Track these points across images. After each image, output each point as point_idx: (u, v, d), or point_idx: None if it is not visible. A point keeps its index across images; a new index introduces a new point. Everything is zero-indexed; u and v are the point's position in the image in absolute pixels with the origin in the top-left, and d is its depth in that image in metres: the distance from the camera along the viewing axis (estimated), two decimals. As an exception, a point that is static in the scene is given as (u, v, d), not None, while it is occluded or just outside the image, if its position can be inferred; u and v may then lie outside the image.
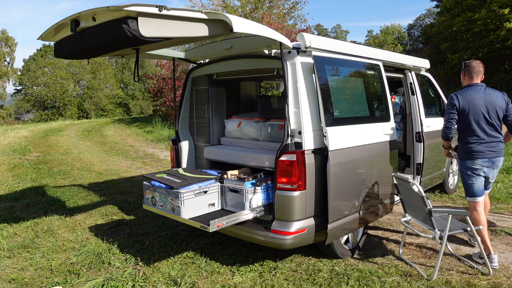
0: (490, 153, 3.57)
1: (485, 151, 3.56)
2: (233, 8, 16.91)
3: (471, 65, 3.66)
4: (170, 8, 2.46)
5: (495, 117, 3.56)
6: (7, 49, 41.63)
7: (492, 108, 3.55)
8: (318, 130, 3.38)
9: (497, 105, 3.56)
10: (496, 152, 3.59)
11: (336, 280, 3.36)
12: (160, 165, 9.30)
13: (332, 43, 3.71)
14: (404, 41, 44.44)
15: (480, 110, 3.52)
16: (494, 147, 3.58)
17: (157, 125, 17.64)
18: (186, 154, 4.61)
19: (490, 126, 3.56)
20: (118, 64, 49.10)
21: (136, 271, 3.62)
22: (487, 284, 3.28)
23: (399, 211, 5.16)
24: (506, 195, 5.93)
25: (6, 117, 40.70)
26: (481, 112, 3.52)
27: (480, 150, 3.56)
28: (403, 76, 5.20)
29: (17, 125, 27.28)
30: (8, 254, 4.09)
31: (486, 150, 3.56)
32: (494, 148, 3.58)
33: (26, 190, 6.83)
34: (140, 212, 5.42)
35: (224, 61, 4.08)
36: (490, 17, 20.76)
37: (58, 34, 3.09)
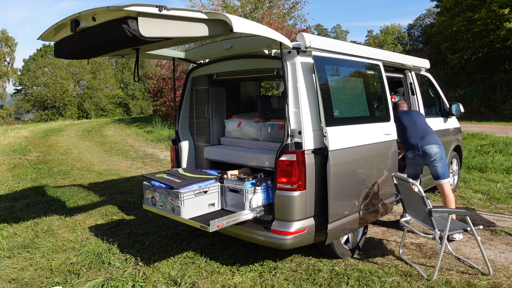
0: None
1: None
2: (233, 8, 16.91)
3: None
4: (170, 8, 2.46)
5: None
6: (7, 49, 41.64)
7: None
8: (318, 130, 3.38)
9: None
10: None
11: (336, 280, 3.36)
12: (160, 165, 9.30)
13: (332, 43, 3.71)
14: (404, 41, 44.45)
15: None
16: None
17: (157, 125, 17.64)
18: (186, 154, 4.61)
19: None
20: (118, 64, 49.10)
21: (136, 271, 3.62)
22: (487, 284, 3.28)
23: (399, 211, 5.16)
24: (506, 195, 5.94)
25: (6, 117, 40.71)
26: None
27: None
28: (403, 76, 5.20)
29: (17, 125, 27.29)
30: (8, 254, 4.09)
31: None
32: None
33: (26, 190, 6.83)
34: (140, 212, 5.42)
35: (224, 61, 4.08)
36: (490, 17, 20.77)
37: (58, 34, 3.09)
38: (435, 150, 4.24)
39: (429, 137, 4.31)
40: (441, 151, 4.28)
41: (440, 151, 4.27)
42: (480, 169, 7.76)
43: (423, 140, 4.30)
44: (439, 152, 4.26)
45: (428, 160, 4.29)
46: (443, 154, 4.29)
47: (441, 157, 4.26)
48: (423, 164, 4.41)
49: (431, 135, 4.35)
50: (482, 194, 6.09)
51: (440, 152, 4.27)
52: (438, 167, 4.26)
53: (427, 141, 4.29)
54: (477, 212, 5.23)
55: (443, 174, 4.28)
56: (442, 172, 4.28)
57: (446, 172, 4.31)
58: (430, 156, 4.25)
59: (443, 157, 4.29)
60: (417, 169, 4.51)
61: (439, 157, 4.27)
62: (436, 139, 4.35)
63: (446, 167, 4.31)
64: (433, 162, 4.26)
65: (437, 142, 4.31)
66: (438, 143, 4.32)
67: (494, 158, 8.39)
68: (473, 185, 6.65)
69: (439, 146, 4.30)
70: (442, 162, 4.27)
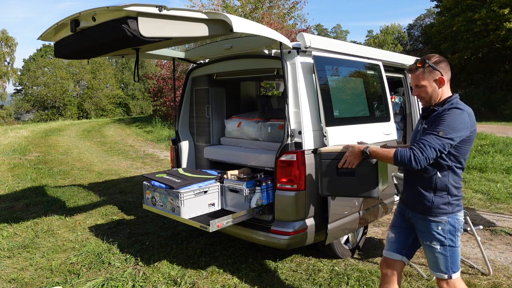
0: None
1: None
2: (233, 8, 16.90)
3: (446, 61, 2.33)
4: (170, 8, 2.46)
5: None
6: (7, 49, 41.64)
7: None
8: (318, 130, 3.38)
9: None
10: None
11: (336, 280, 3.36)
12: (160, 165, 9.30)
13: (332, 43, 3.71)
14: (404, 41, 44.45)
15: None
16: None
17: (157, 125, 17.63)
18: (186, 154, 4.61)
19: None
20: (118, 64, 49.10)
21: (136, 271, 3.62)
22: (487, 284, 3.28)
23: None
24: (506, 195, 5.94)
25: (6, 117, 40.70)
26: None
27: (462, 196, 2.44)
28: (403, 76, 5.20)
29: (17, 125, 27.26)
30: (8, 254, 4.09)
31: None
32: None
33: (26, 190, 6.83)
34: (140, 212, 5.42)
35: (224, 61, 4.08)
36: (490, 17, 20.78)
37: (58, 34, 3.09)
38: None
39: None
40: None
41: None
42: (480, 169, 7.76)
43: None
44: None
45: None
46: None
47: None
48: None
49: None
50: (482, 194, 6.09)
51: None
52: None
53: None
54: (477, 212, 5.23)
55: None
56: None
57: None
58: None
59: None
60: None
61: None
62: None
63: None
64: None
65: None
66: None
67: (494, 158, 8.39)
68: (473, 185, 6.65)
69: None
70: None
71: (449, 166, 2.17)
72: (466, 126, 2.10)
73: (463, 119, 2.09)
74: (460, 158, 2.17)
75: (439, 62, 2.22)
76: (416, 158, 2.07)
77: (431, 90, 2.24)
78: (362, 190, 2.42)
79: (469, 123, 2.11)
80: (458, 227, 2.21)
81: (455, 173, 2.19)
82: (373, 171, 2.36)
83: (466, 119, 2.10)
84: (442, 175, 2.18)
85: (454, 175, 2.19)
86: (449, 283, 2.22)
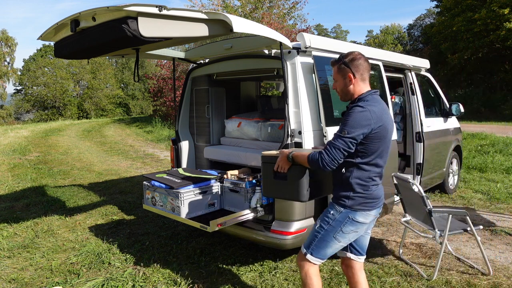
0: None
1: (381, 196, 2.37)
2: (233, 8, 16.90)
3: (362, 59, 2.29)
4: (170, 8, 2.46)
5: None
6: (7, 49, 41.65)
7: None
8: (318, 130, 3.38)
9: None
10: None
11: (336, 280, 3.36)
12: (160, 165, 9.29)
13: (332, 43, 3.71)
14: (404, 41, 44.45)
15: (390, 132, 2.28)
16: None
17: (157, 125, 17.63)
18: (186, 154, 4.61)
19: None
20: (118, 64, 49.10)
21: (136, 271, 3.62)
22: (487, 284, 3.28)
23: (399, 211, 5.16)
24: (506, 195, 5.93)
25: (6, 117, 40.70)
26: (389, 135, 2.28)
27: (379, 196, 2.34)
28: (403, 76, 5.20)
29: (17, 125, 27.27)
30: (8, 254, 4.09)
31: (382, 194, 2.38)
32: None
33: (26, 190, 6.82)
34: (140, 212, 5.42)
35: (224, 61, 4.08)
36: (490, 17, 20.78)
37: (58, 34, 3.09)
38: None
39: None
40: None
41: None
42: (480, 169, 7.76)
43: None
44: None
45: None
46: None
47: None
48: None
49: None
50: (482, 194, 6.09)
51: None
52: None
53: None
54: (477, 212, 5.23)
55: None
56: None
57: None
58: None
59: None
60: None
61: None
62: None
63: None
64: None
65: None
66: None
67: (494, 158, 8.39)
68: (473, 185, 6.65)
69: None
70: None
71: (354, 163, 2.21)
72: (368, 124, 2.11)
73: (363, 117, 2.11)
74: (368, 156, 2.19)
75: (353, 60, 2.25)
76: (323, 161, 2.12)
77: (342, 86, 2.30)
78: (292, 194, 2.49)
79: (371, 120, 2.12)
80: (348, 224, 2.25)
81: (360, 170, 2.21)
82: (300, 176, 2.40)
83: (367, 117, 2.11)
84: (346, 171, 2.24)
85: (359, 172, 2.21)
86: (303, 259, 2.33)
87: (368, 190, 2.24)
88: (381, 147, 2.20)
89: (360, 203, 2.23)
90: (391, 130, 2.26)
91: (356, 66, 2.24)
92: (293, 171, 2.41)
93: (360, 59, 2.25)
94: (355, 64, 2.24)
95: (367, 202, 2.24)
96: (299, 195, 2.45)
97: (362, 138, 2.12)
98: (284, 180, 2.48)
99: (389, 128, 2.23)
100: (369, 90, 2.28)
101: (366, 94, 2.25)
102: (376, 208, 2.30)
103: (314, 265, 2.33)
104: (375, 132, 2.14)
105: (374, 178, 2.25)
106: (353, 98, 2.28)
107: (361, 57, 2.26)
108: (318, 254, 2.31)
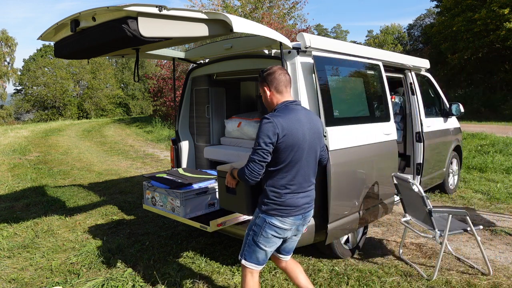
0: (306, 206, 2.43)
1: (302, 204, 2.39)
2: (233, 8, 16.91)
3: (277, 73, 2.37)
4: (170, 8, 2.46)
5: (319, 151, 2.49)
6: (7, 49, 41.67)
7: (318, 138, 2.44)
8: (318, 130, 3.37)
9: (320, 133, 2.49)
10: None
11: (336, 280, 3.36)
12: (160, 165, 9.30)
13: (332, 43, 3.71)
14: (404, 41, 44.46)
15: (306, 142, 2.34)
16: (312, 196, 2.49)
17: (157, 125, 17.64)
18: (186, 154, 4.61)
19: (314, 166, 2.45)
20: (118, 64, 49.10)
21: (136, 271, 3.62)
22: (487, 284, 3.28)
23: (399, 211, 5.16)
24: (506, 195, 5.94)
25: (6, 117, 40.71)
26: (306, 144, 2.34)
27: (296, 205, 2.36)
28: (403, 76, 5.20)
29: (17, 125, 27.28)
30: (8, 254, 4.09)
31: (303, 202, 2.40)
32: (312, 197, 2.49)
33: (26, 190, 6.83)
34: (140, 212, 5.42)
35: (224, 61, 4.08)
36: (490, 17, 20.79)
37: (58, 34, 3.09)
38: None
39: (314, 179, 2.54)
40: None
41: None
42: (480, 169, 7.76)
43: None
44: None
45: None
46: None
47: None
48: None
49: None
50: (482, 194, 6.09)
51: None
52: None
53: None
54: (477, 212, 5.23)
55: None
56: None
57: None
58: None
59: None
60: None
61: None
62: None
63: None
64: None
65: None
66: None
67: (494, 158, 8.39)
68: (473, 185, 6.65)
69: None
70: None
71: (268, 171, 2.31)
72: (274, 133, 2.20)
73: (267, 128, 2.21)
74: (279, 164, 2.28)
75: (269, 74, 2.39)
76: (245, 175, 2.27)
77: (264, 99, 2.45)
78: (239, 207, 2.70)
79: (276, 129, 2.20)
80: (266, 228, 2.33)
81: (273, 178, 2.31)
82: (245, 191, 2.56)
83: (269, 128, 2.21)
84: (263, 178, 2.35)
85: (272, 179, 2.32)
86: (242, 266, 2.43)
87: (281, 197, 2.30)
88: (291, 155, 2.27)
89: (274, 209, 2.31)
90: (303, 139, 2.30)
91: (271, 80, 2.35)
92: (240, 187, 2.57)
93: (275, 73, 2.37)
94: (270, 78, 2.36)
95: (281, 209, 2.31)
96: (244, 209, 2.66)
97: (272, 147, 2.22)
98: (234, 194, 2.67)
99: (299, 137, 2.27)
100: (284, 101, 2.37)
101: (279, 106, 2.36)
102: (293, 216, 2.34)
103: (251, 271, 2.41)
104: (281, 141, 2.22)
105: (287, 187, 2.31)
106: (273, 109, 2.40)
107: (277, 71, 2.37)
108: (250, 259, 2.40)
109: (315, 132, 2.40)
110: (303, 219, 2.42)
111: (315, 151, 2.42)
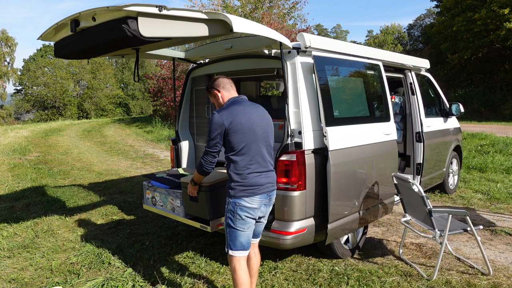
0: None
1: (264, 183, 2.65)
2: (233, 8, 16.91)
3: (221, 78, 2.81)
4: (170, 8, 2.46)
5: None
6: (7, 49, 41.68)
7: (269, 124, 2.78)
8: (318, 130, 3.38)
9: (270, 120, 2.84)
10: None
11: (336, 280, 3.36)
12: (160, 165, 9.30)
13: (332, 43, 3.71)
14: (404, 41, 44.47)
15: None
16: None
17: (157, 125, 17.64)
18: (186, 154, 4.61)
19: (270, 149, 2.73)
20: (118, 64, 49.11)
21: (136, 271, 3.62)
22: (487, 284, 3.28)
23: (399, 211, 5.16)
24: (506, 195, 5.94)
25: (6, 117, 40.72)
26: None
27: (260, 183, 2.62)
28: (403, 76, 5.20)
29: (17, 125, 27.28)
30: (8, 254, 4.09)
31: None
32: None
33: (26, 190, 6.83)
34: (140, 212, 5.42)
35: (224, 61, 4.08)
36: (490, 17, 20.79)
37: (58, 34, 3.09)
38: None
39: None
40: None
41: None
42: (480, 169, 7.76)
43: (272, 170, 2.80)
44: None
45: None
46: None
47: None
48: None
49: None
50: (482, 194, 6.09)
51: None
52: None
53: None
54: (477, 212, 5.23)
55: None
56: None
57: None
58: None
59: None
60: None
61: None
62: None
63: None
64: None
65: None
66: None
67: (494, 158, 8.39)
68: (473, 185, 6.65)
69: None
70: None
71: (228, 158, 2.62)
72: (220, 124, 2.54)
73: (214, 120, 2.57)
74: (235, 149, 2.57)
75: (215, 80, 2.81)
76: (201, 166, 2.66)
77: (216, 102, 2.81)
78: (202, 213, 3.14)
79: (221, 120, 2.54)
80: (238, 211, 2.57)
81: (233, 162, 2.59)
82: (205, 199, 3.02)
83: (217, 119, 2.55)
84: (227, 166, 2.65)
85: (232, 164, 2.59)
86: (229, 258, 2.65)
87: (245, 178, 2.57)
88: (244, 138, 2.57)
89: (241, 191, 2.57)
90: (252, 122, 2.60)
91: (218, 83, 2.76)
92: (200, 196, 3.01)
93: (219, 78, 2.80)
94: (217, 82, 2.77)
95: (247, 189, 2.57)
96: (206, 214, 3.08)
97: (221, 137, 2.56)
98: (196, 202, 3.09)
99: (246, 121, 2.57)
100: (231, 97, 2.74)
101: (227, 102, 2.72)
102: (259, 194, 2.61)
103: (238, 259, 2.61)
104: (229, 128, 2.54)
105: (248, 167, 2.58)
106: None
107: (220, 77, 2.81)
108: (235, 247, 2.61)
109: (265, 118, 2.74)
110: (268, 198, 2.69)
111: (267, 136, 2.70)
